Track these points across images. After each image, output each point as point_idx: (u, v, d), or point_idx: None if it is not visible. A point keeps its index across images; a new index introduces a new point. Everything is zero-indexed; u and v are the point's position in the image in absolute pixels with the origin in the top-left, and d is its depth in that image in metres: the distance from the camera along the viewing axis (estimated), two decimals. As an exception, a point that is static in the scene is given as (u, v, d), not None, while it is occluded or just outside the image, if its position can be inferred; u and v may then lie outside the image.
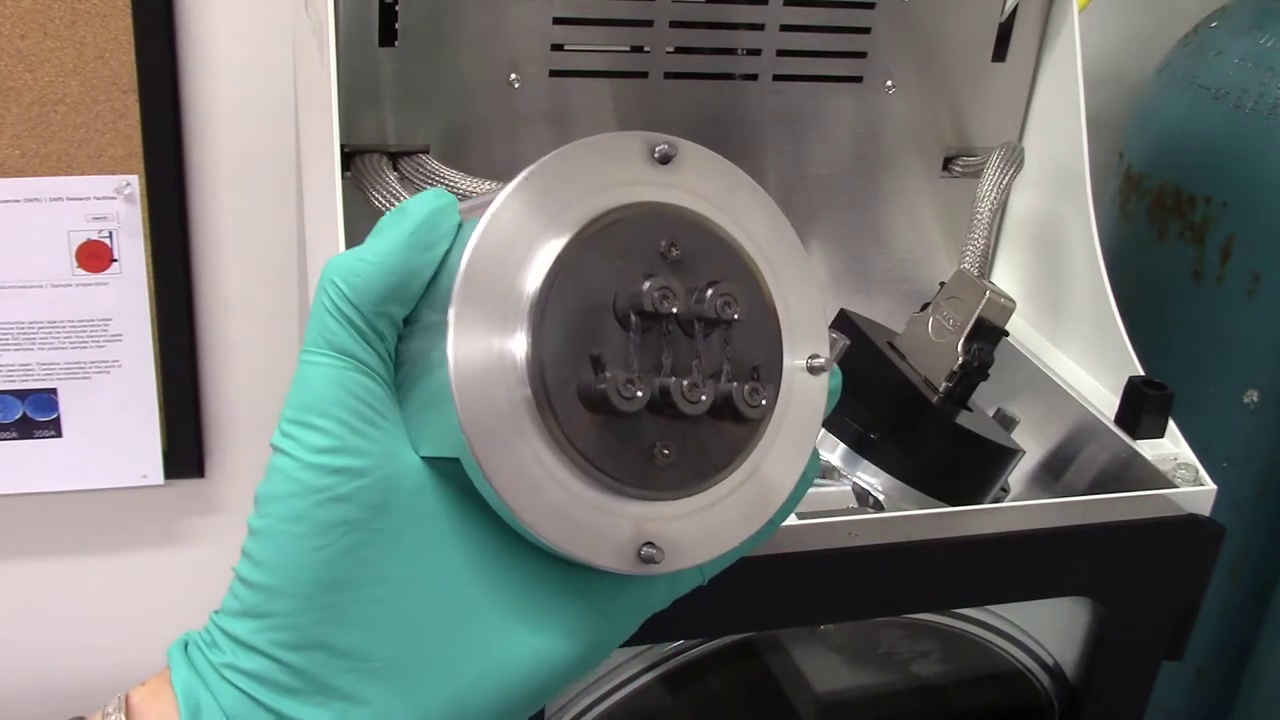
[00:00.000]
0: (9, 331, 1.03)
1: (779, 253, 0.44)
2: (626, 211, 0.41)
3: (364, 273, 0.41)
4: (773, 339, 0.43)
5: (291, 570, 0.40)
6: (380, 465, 0.41)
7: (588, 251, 0.40)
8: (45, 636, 1.19)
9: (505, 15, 0.78)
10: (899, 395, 0.75)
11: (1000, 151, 0.89)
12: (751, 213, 0.44)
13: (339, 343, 0.41)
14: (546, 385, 0.39)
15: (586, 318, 0.40)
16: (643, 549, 0.41)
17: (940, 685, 0.82)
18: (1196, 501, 0.72)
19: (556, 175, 0.41)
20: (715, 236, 0.42)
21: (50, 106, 0.98)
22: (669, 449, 0.41)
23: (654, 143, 0.42)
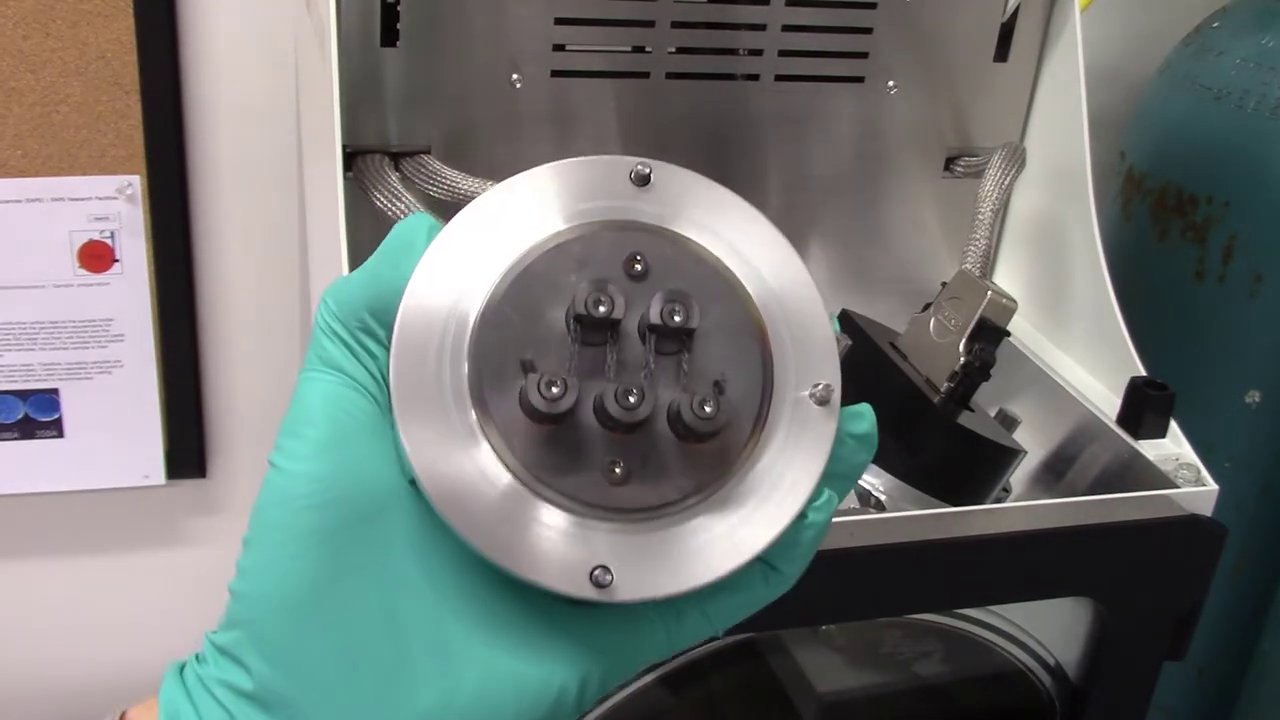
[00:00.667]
0: (11, 332, 1.03)
1: (780, 276, 0.42)
2: (588, 228, 0.40)
3: (348, 289, 0.42)
4: (752, 356, 0.41)
5: (270, 577, 0.40)
6: (361, 478, 0.40)
7: (541, 265, 0.39)
8: (47, 636, 1.19)
9: (507, 15, 0.78)
10: (901, 395, 0.75)
11: (1002, 152, 0.89)
12: (748, 235, 0.42)
13: (330, 358, 0.42)
14: (485, 398, 0.38)
15: (532, 329, 0.39)
16: (594, 571, 0.39)
17: (942, 685, 0.82)
18: (1198, 502, 0.72)
19: (522, 194, 0.40)
20: (689, 251, 0.41)
21: (52, 107, 0.98)
22: (621, 465, 0.39)
23: (630, 165, 0.41)
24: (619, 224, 0.40)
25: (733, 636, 0.71)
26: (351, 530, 0.40)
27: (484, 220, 0.40)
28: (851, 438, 0.43)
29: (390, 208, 0.76)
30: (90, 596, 1.18)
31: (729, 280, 0.41)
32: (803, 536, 0.42)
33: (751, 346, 0.41)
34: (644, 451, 0.39)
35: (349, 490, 0.40)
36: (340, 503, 0.40)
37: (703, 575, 0.40)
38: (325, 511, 0.40)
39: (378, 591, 0.40)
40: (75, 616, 1.19)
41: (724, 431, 0.39)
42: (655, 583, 0.40)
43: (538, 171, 0.41)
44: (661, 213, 0.41)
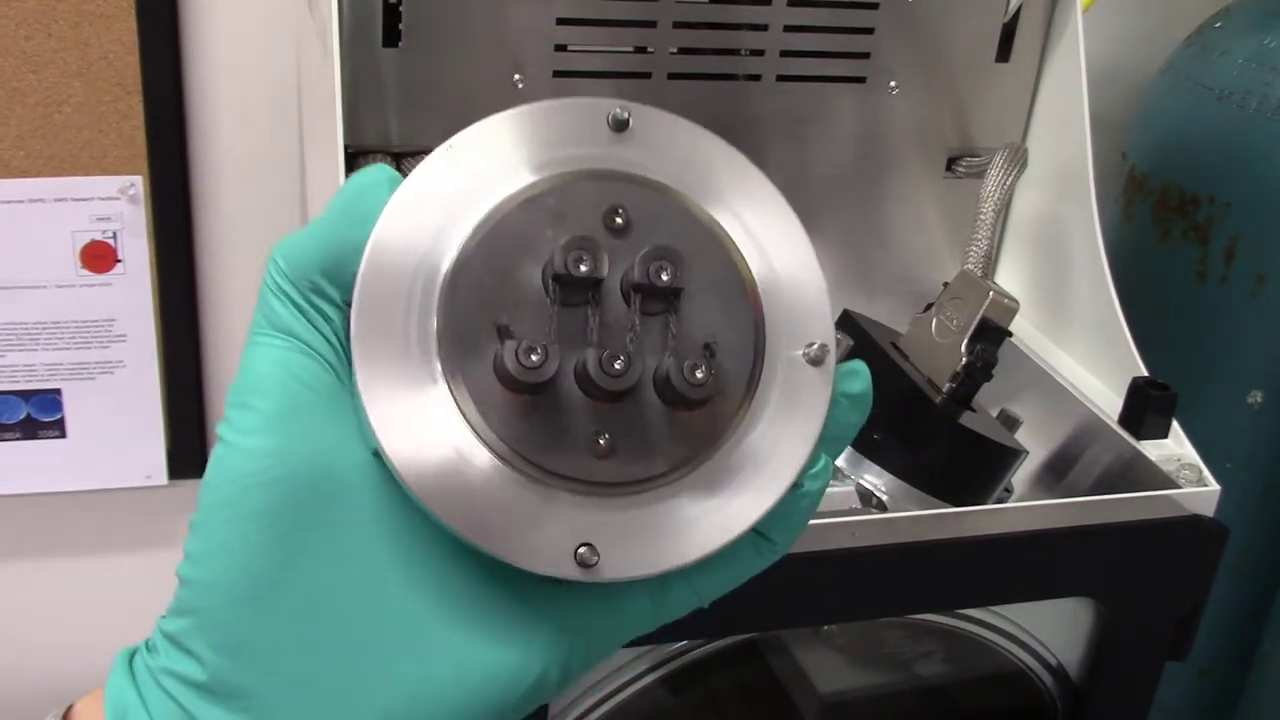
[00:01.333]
0: (13, 332, 1.04)
1: (769, 229, 0.39)
2: (564, 178, 0.37)
3: (300, 246, 0.38)
4: (743, 316, 0.38)
5: (220, 561, 0.37)
6: (318, 451, 0.37)
7: (514, 220, 0.36)
8: (49, 636, 1.19)
9: (509, 16, 0.79)
10: (902, 396, 0.75)
11: (1004, 152, 0.89)
12: (735, 184, 0.39)
13: (281, 322, 0.38)
14: (457, 366, 0.35)
15: (506, 291, 0.36)
16: (579, 551, 0.36)
17: (943, 686, 0.82)
18: (1200, 502, 0.72)
19: (493, 140, 0.37)
20: (673, 203, 0.37)
21: (55, 107, 0.98)
22: (606, 437, 0.36)
23: (608, 108, 0.38)
24: (597, 173, 0.37)
25: (735, 637, 0.71)
26: (307, 508, 0.37)
27: (452, 169, 0.37)
28: (846, 398, 0.40)
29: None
30: (92, 596, 1.19)
31: (716, 234, 0.38)
32: (798, 506, 0.40)
33: (742, 306, 0.38)
34: (630, 421, 0.36)
35: (304, 464, 0.37)
36: (294, 478, 0.37)
37: (693, 551, 0.37)
38: (277, 488, 0.37)
39: (338, 574, 0.37)
40: (76, 616, 1.19)
41: (715, 398, 0.37)
42: (643, 560, 0.37)
43: (510, 115, 0.38)
44: (643, 160, 0.38)
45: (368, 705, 0.37)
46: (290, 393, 0.38)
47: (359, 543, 0.38)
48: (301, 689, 0.37)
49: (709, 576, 0.41)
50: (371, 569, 0.38)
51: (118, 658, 0.40)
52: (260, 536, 0.37)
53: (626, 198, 0.37)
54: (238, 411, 0.38)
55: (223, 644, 0.37)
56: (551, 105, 0.38)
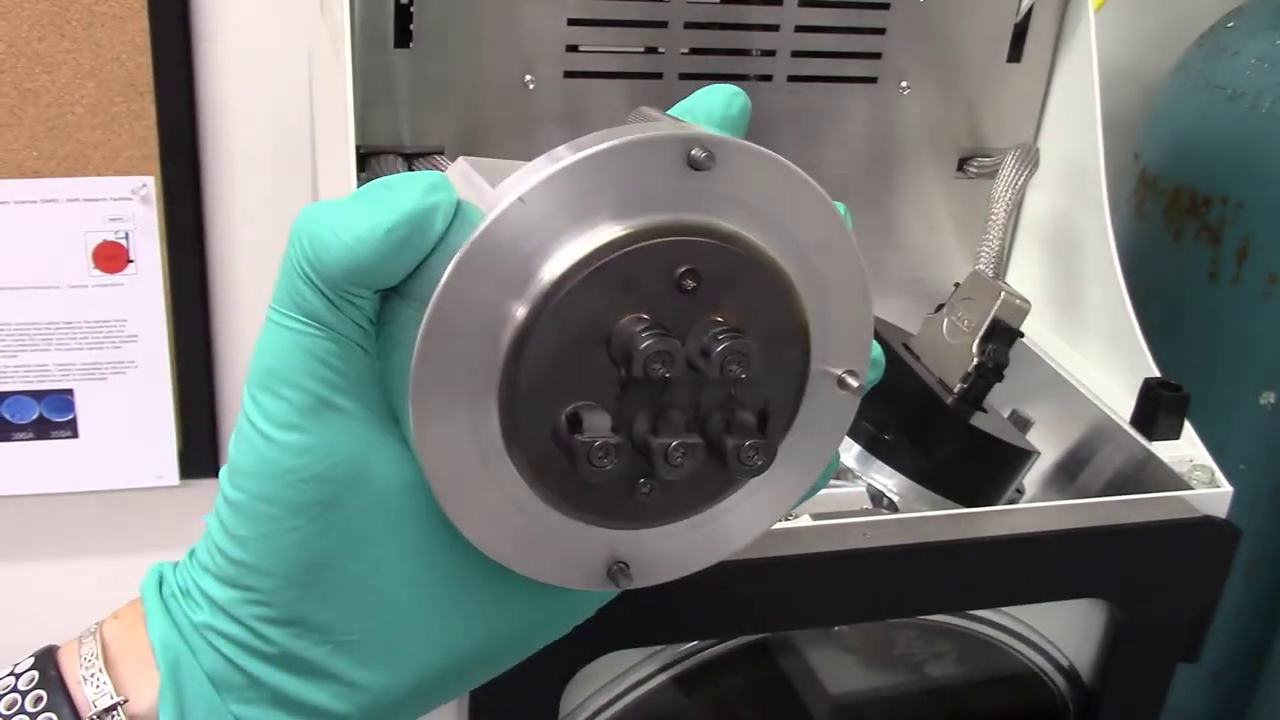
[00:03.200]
0: (25, 332, 1.04)
1: (828, 259, 0.39)
2: (638, 238, 0.36)
3: (332, 250, 0.37)
4: (794, 372, 0.39)
5: (269, 550, 0.39)
6: (355, 445, 0.39)
7: (585, 283, 0.35)
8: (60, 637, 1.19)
9: (520, 16, 0.79)
10: (914, 396, 0.75)
11: (1015, 152, 0.88)
12: (802, 213, 0.39)
13: (310, 309, 0.38)
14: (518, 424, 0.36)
15: (573, 355, 0.36)
16: (612, 567, 0.39)
17: (954, 687, 0.82)
18: (1212, 503, 0.72)
19: (570, 183, 0.36)
20: (743, 258, 0.37)
21: (67, 108, 0.98)
22: (651, 488, 0.37)
23: (689, 146, 0.36)
24: (669, 228, 0.36)
25: (747, 638, 0.71)
26: (348, 500, 0.39)
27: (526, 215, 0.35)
28: None
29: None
30: (104, 597, 1.18)
31: (781, 284, 0.38)
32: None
33: (795, 359, 0.39)
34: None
35: (342, 459, 0.38)
36: (334, 474, 0.38)
37: (716, 554, 0.40)
38: (318, 485, 0.38)
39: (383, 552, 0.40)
40: (89, 617, 1.19)
41: None
42: (670, 568, 0.40)
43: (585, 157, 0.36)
44: (720, 201, 0.37)
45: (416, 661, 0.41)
46: (323, 384, 0.38)
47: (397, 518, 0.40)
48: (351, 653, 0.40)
49: None
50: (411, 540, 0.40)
51: (146, 591, 0.42)
52: (306, 530, 0.38)
53: (698, 256, 0.36)
54: (270, 399, 0.38)
55: (275, 618, 0.39)
56: (630, 143, 0.36)
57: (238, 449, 0.39)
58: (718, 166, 0.37)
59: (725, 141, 0.37)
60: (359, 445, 0.39)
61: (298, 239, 0.38)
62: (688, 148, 0.36)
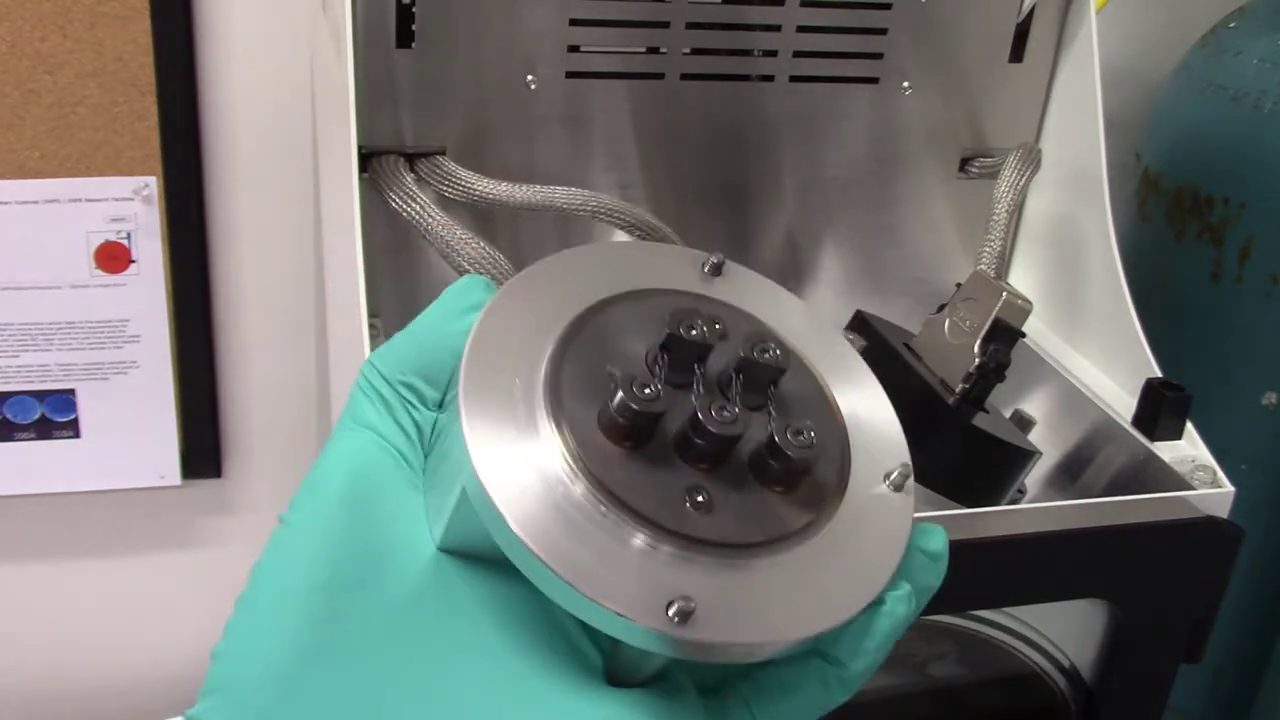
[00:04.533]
0: (28, 332, 1.04)
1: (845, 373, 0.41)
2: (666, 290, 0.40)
3: (396, 345, 0.40)
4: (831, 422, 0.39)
5: (259, 636, 0.36)
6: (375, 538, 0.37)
7: (618, 310, 0.38)
8: (63, 637, 1.19)
9: (522, 17, 0.79)
10: (915, 397, 0.75)
11: (1017, 152, 0.88)
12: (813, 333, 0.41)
13: (363, 416, 0.39)
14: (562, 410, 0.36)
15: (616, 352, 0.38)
16: (675, 602, 0.34)
17: (956, 687, 0.82)
18: (1214, 503, 0.72)
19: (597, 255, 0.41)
20: (765, 330, 0.40)
21: (69, 108, 0.98)
22: (705, 494, 0.36)
23: (704, 256, 0.41)
24: (698, 295, 0.40)
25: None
26: (359, 591, 0.36)
27: (559, 271, 0.39)
28: (923, 553, 0.39)
29: (405, 209, 0.76)
30: (105, 597, 1.19)
31: (804, 361, 0.40)
32: (877, 625, 0.37)
33: (829, 412, 0.40)
34: (726, 487, 0.36)
35: (361, 549, 0.37)
36: (344, 560, 0.36)
37: (788, 632, 0.35)
38: (331, 569, 0.36)
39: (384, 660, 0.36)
40: (91, 617, 1.19)
41: (806, 481, 0.37)
42: (733, 626, 0.35)
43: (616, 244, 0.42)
44: (731, 300, 0.41)
45: None
46: (357, 479, 0.38)
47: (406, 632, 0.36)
48: None
49: (771, 706, 0.38)
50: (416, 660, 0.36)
51: None
52: (307, 615, 0.36)
53: (722, 315, 0.39)
54: (303, 497, 0.38)
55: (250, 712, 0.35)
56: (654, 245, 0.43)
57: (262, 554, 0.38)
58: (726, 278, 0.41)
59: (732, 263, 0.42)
60: (381, 544, 0.37)
61: (365, 363, 0.40)
62: (702, 258, 0.41)
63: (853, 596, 0.37)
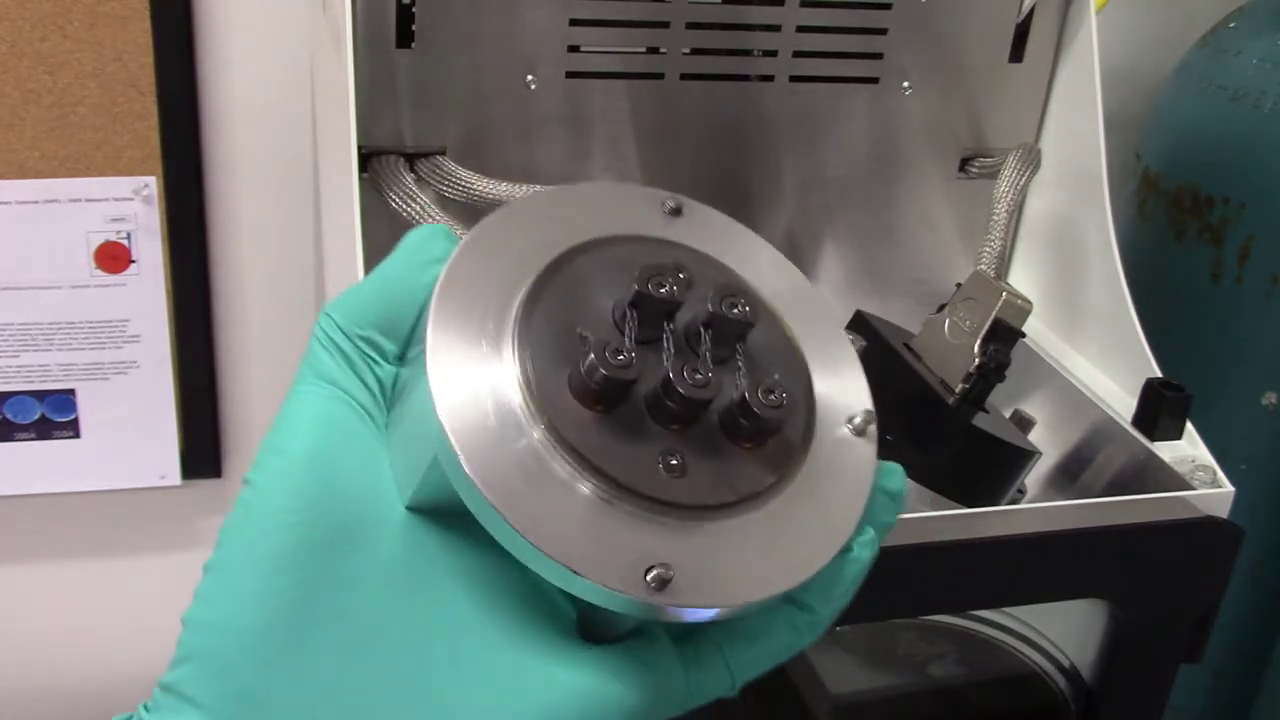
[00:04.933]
0: (28, 332, 1.04)
1: (807, 316, 0.41)
2: (629, 236, 0.39)
3: (356, 298, 0.38)
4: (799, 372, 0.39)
5: (233, 602, 0.35)
6: (346, 496, 0.36)
7: (587, 261, 0.38)
8: (63, 636, 1.19)
9: (522, 17, 0.79)
10: (915, 396, 0.75)
11: (1017, 152, 0.88)
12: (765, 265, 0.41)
13: (324, 371, 0.38)
14: (534, 376, 0.35)
15: (585, 314, 0.37)
16: (653, 570, 0.34)
17: (956, 687, 0.82)
18: (1214, 503, 0.72)
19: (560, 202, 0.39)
20: (727, 271, 0.40)
21: (69, 108, 0.98)
22: (680, 456, 0.36)
23: (662, 196, 0.41)
24: (661, 240, 0.40)
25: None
26: (331, 553, 0.36)
27: (520, 220, 0.39)
28: (884, 493, 0.40)
29: (405, 209, 0.76)
30: (105, 596, 1.19)
31: (769, 307, 0.40)
32: (844, 573, 0.39)
33: (796, 363, 0.40)
34: (698, 447, 0.36)
35: (330, 510, 0.36)
36: (318, 521, 0.36)
37: (761, 590, 0.36)
38: (300, 530, 0.35)
39: (357, 624, 0.36)
40: (90, 617, 1.19)
41: (776, 438, 0.37)
42: (712, 591, 0.35)
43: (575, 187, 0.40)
44: (697, 241, 0.40)
45: None
46: (323, 438, 0.37)
47: (380, 592, 0.36)
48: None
49: (744, 650, 0.39)
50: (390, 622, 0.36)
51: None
52: (281, 580, 0.35)
53: (686, 262, 0.39)
54: (268, 456, 0.37)
55: (229, 691, 0.35)
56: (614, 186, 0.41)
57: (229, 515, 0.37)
58: (687, 217, 0.41)
59: (691, 201, 0.41)
60: (350, 502, 0.36)
61: (323, 314, 0.39)
62: (661, 198, 0.41)
63: (822, 548, 0.38)
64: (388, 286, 0.38)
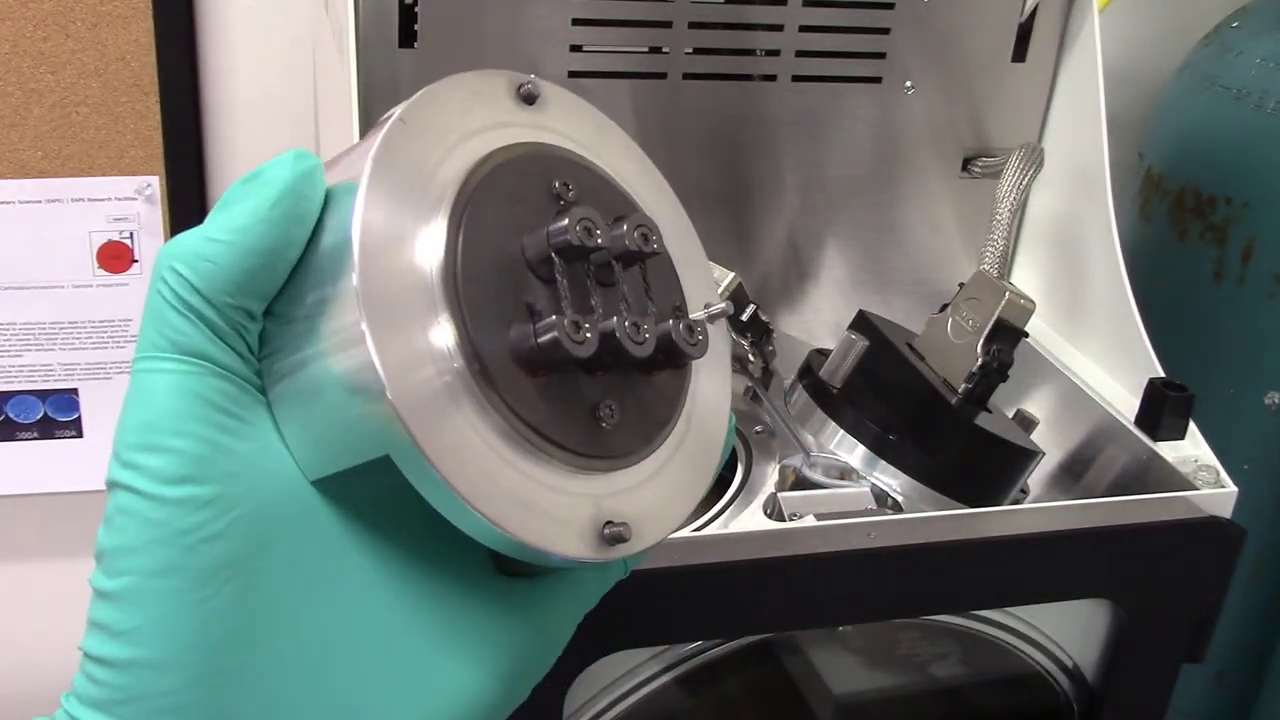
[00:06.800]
0: (30, 332, 1.04)
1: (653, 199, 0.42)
2: (508, 153, 0.38)
3: (216, 255, 0.33)
4: (676, 284, 0.41)
5: (170, 637, 0.32)
6: (257, 488, 0.34)
7: (481, 203, 0.36)
8: (63, 636, 1.19)
9: (524, 16, 0.79)
10: (918, 396, 0.75)
11: (1020, 152, 0.88)
12: (622, 158, 0.42)
13: (189, 344, 0.33)
14: (480, 354, 0.34)
15: (501, 273, 0.36)
16: (606, 528, 0.36)
17: (958, 687, 0.82)
18: (1217, 503, 0.72)
19: (425, 124, 0.37)
20: (601, 178, 0.40)
21: (72, 108, 0.98)
22: (612, 407, 0.36)
23: (516, 81, 0.39)
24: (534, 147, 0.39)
25: (750, 638, 0.71)
26: (258, 555, 0.33)
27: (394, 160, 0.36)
28: None
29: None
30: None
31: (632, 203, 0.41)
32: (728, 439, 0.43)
33: (673, 274, 0.41)
34: (622, 389, 0.37)
35: (249, 507, 0.33)
36: (239, 526, 0.33)
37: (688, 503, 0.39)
38: (224, 542, 0.33)
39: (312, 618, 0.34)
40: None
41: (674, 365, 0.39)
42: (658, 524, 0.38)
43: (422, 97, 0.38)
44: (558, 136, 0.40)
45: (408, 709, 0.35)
46: (214, 426, 0.33)
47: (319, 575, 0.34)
48: None
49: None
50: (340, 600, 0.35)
51: None
52: (216, 601, 0.32)
53: (562, 170, 0.38)
54: (148, 455, 0.33)
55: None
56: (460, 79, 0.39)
57: (109, 529, 0.34)
58: (543, 103, 0.40)
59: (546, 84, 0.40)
60: (264, 493, 0.34)
61: (164, 269, 0.34)
62: (516, 81, 0.39)
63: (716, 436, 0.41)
64: (256, 240, 0.33)
